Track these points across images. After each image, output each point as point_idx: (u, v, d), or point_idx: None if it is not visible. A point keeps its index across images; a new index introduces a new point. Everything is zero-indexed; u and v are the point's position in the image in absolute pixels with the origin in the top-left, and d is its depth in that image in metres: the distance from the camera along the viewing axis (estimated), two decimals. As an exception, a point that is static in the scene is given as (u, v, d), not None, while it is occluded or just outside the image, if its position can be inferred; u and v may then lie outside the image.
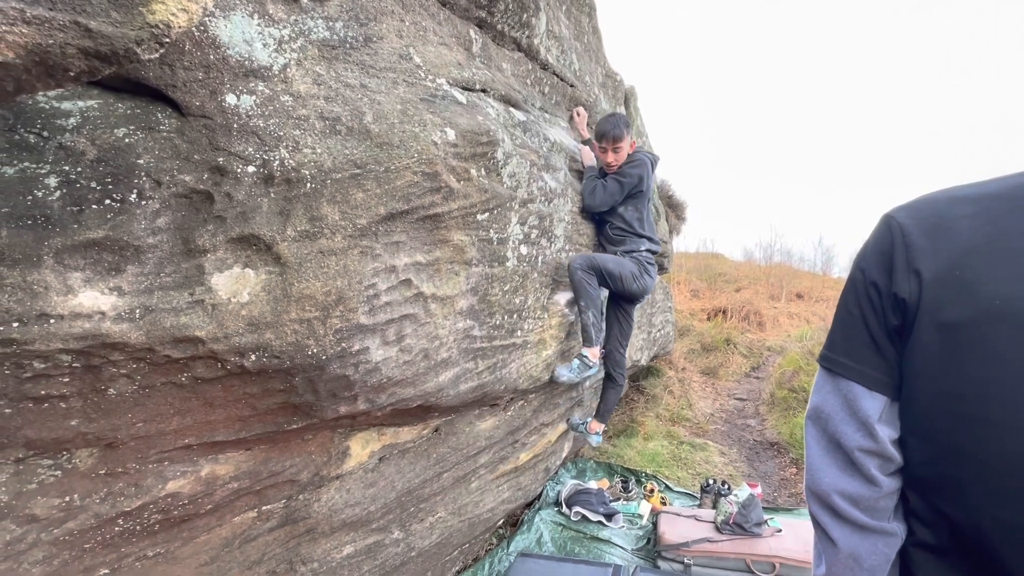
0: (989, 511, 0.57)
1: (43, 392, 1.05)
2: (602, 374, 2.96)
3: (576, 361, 2.48)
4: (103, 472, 1.23)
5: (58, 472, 1.18)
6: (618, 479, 3.75)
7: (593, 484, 3.57)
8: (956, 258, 0.59)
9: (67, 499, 1.18)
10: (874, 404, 0.66)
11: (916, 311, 0.61)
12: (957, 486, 0.60)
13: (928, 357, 0.61)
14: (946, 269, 0.60)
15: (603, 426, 2.97)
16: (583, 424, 3.03)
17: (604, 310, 2.81)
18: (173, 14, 0.52)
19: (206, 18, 1.04)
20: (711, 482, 3.43)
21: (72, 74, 0.51)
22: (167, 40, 0.54)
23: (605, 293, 2.78)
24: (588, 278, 2.33)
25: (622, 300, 2.75)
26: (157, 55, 0.56)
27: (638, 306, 2.94)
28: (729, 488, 3.31)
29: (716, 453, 4.69)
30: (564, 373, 2.46)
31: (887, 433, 0.66)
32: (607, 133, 2.45)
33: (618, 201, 2.53)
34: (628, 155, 2.54)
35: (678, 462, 4.43)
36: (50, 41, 0.46)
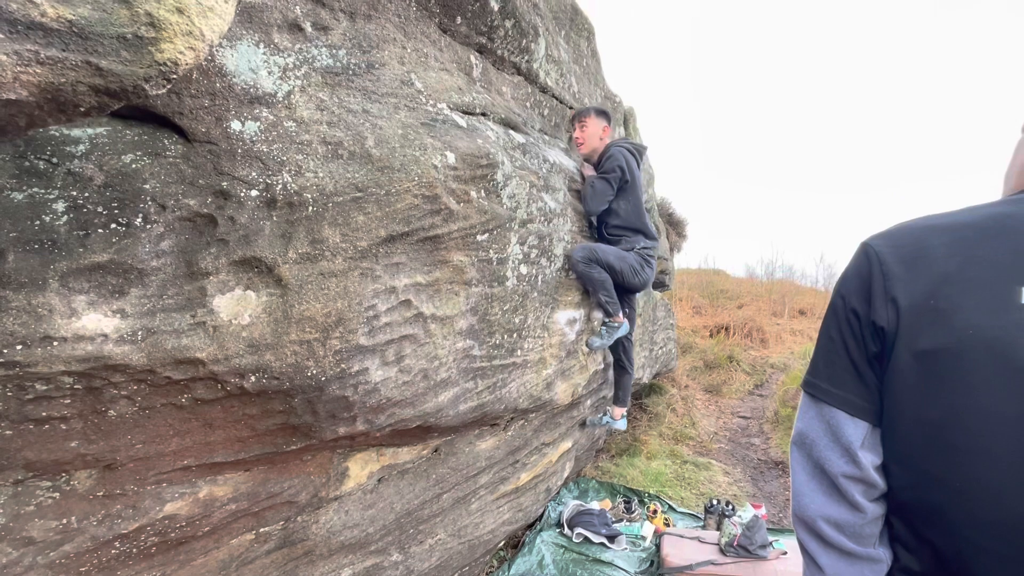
0: (969, 538, 0.57)
1: (44, 414, 1.06)
2: (611, 373, 3.12)
3: (603, 329, 2.69)
4: (101, 494, 1.23)
5: (56, 494, 1.18)
6: (621, 499, 3.69)
7: (595, 504, 3.52)
8: (931, 287, 0.61)
9: (64, 521, 1.18)
10: (856, 430, 0.67)
11: (894, 339, 0.62)
12: (938, 513, 0.61)
13: (906, 384, 0.62)
14: (922, 297, 0.61)
15: (624, 409, 3.19)
16: (604, 416, 3.22)
17: None
18: (181, 52, 0.55)
19: (213, 48, 1.07)
20: (715, 503, 3.38)
21: (82, 109, 0.53)
22: (174, 76, 0.56)
23: None
24: (590, 269, 2.44)
25: (624, 291, 2.84)
26: (164, 90, 0.58)
27: (639, 295, 3.05)
28: (733, 509, 3.26)
29: (720, 472, 4.63)
30: (596, 341, 2.67)
31: (870, 459, 0.66)
32: (576, 113, 2.68)
33: (612, 196, 2.60)
34: (604, 149, 2.66)
35: (681, 482, 4.37)
36: (62, 80, 0.49)
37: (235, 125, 1.15)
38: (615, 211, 2.67)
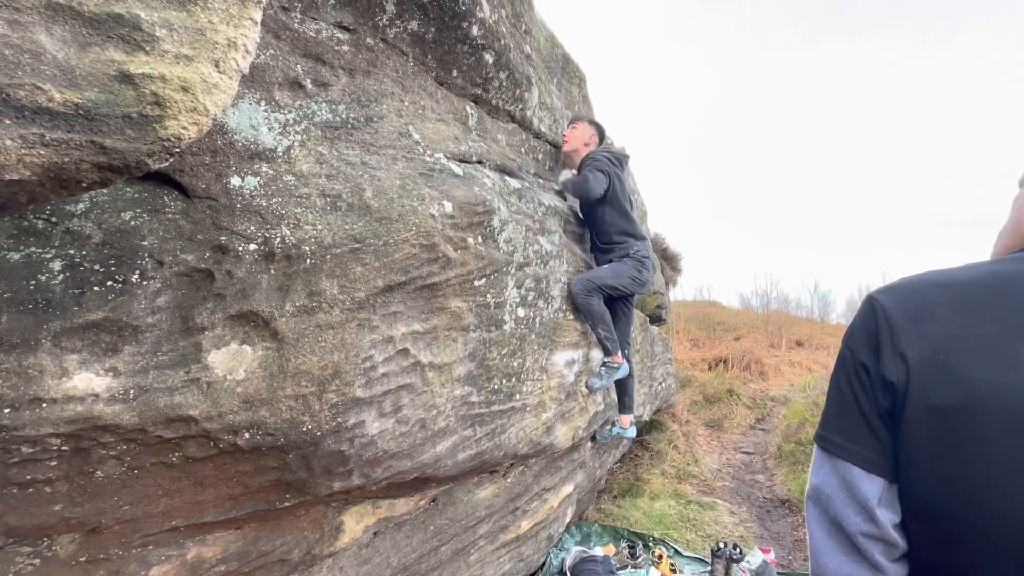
0: None
1: (28, 477, 1.02)
2: (612, 413, 3.13)
3: (602, 369, 2.68)
4: (84, 559, 1.18)
5: (37, 560, 1.13)
6: (624, 544, 3.57)
7: (599, 550, 3.40)
8: (938, 343, 0.61)
9: (44, 591, 1.12)
10: (872, 487, 0.66)
11: (905, 394, 0.62)
12: (961, 574, 0.58)
13: (920, 441, 0.61)
14: (930, 353, 0.61)
15: (631, 416, 3.20)
16: (613, 427, 3.18)
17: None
18: (184, 128, 0.56)
19: (216, 120, 1.10)
20: (722, 546, 3.27)
21: (84, 185, 0.53)
22: (177, 151, 0.57)
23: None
24: (589, 300, 2.45)
25: (626, 295, 2.84)
26: (167, 163, 0.59)
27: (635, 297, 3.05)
28: (741, 552, 3.15)
29: (726, 512, 4.50)
30: (596, 382, 2.65)
31: (888, 517, 0.65)
32: (573, 116, 2.80)
33: (606, 182, 2.58)
34: (586, 156, 2.71)
35: (686, 523, 4.24)
36: (66, 159, 0.49)
37: (235, 181, 1.16)
38: (603, 219, 2.69)
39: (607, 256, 2.71)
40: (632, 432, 3.24)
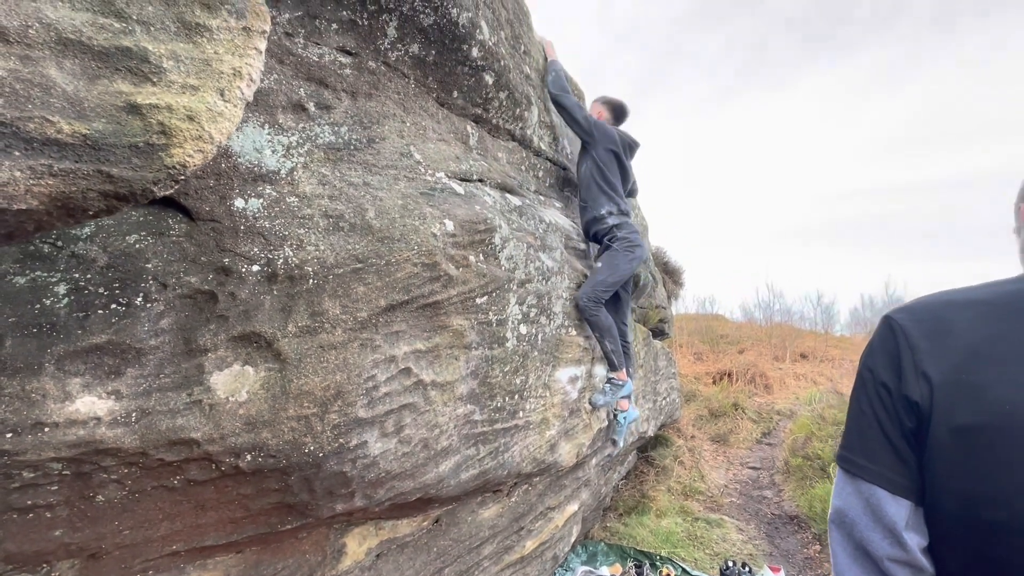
0: None
1: (29, 502, 1.02)
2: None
3: (606, 386, 2.63)
4: (83, 586, 1.16)
5: (36, 588, 1.11)
6: (631, 563, 3.51)
7: (605, 570, 3.34)
8: (960, 362, 0.60)
9: (42, 619, 1.10)
10: (899, 509, 0.64)
11: (930, 414, 0.61)
12: None
13: (946, 462, 0.60)
14: (952, 372, 0.60)
15: (629, 399, 3.05)
16: (616, 417, 2.96)
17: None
18: (190, 155, 0.57)
19: (220, 147, 1.11)
20: (731, 564, 3.22)
21: (91, 213, 0.54)
22: (182, 178, 0.58)
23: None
24: (597, 313, 2.43)
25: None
26: (172, 191, 0.60)
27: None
28: (751, 571, 3.10)
29: (733, 530, 4.42)
30: (600, 399, 2.59)
31: (916, 541, 0.63)
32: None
33: (576, 111, 2.51)
34: None
35: (694, 541, 4.17)
36: (73, 188, 0.50)
37: (239, 203, 1.17)
38: (582, 171, 2.62)
39: (584, 216, 2.64)
40: (636, 413, 3.13)
